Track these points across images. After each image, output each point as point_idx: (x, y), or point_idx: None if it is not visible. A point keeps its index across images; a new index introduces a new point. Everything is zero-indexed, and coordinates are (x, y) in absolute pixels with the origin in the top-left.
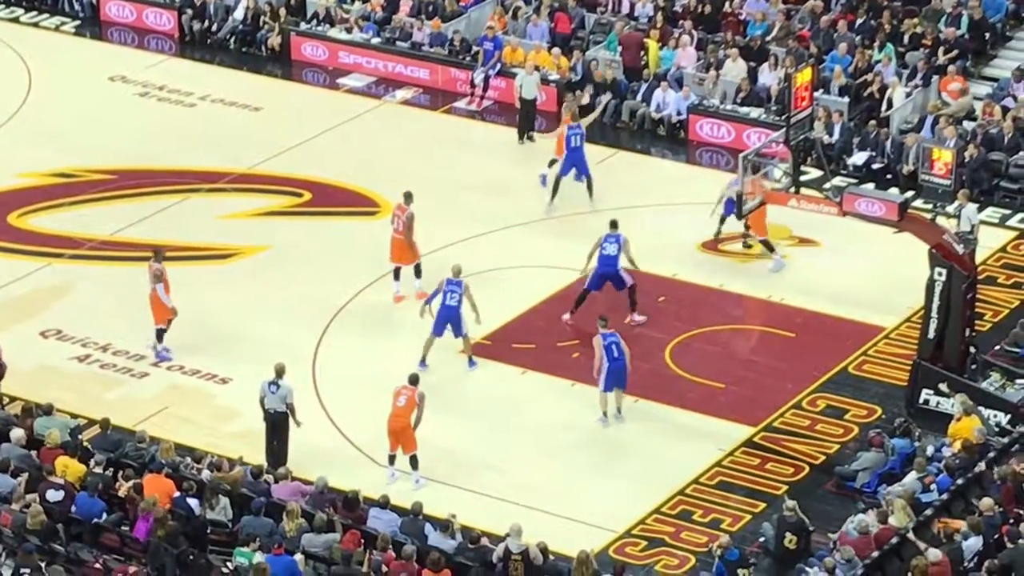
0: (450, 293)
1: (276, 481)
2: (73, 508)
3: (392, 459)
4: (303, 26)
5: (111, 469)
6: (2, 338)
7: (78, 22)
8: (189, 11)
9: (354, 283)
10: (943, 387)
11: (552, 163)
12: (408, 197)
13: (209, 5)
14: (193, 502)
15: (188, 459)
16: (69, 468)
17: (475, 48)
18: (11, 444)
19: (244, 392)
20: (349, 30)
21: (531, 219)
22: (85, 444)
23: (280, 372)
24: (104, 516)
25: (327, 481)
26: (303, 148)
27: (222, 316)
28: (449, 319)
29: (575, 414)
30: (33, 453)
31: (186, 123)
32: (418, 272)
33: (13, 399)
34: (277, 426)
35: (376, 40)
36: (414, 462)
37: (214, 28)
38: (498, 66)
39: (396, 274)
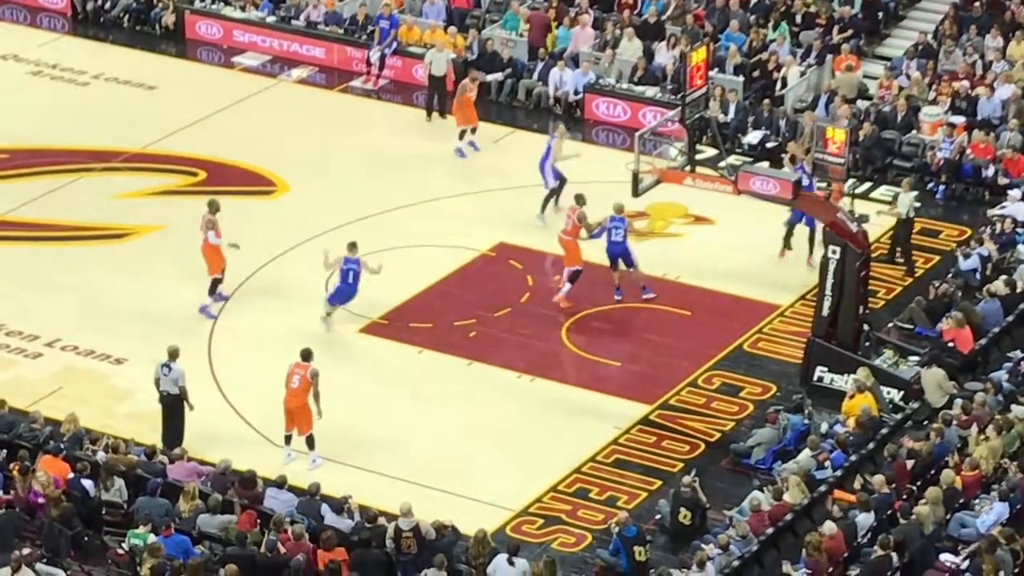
0: (615, 230)
1: (171, 462)
2: None
3: (288, 439)
4: (197, 4)
5: (5, 451)
6: None
7: None
8: None
9: (251, 262)
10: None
11: (462, 135)
12: (580, 199)
13: None
14: (88, 483)
15: (86, 439)
16: None
17: (371, 27)
18: None
19: (138, 372)
20: (244, 8)
21: (429, 198)
22: None
23: (173, 355)
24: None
25: (231, 463)
26: (198, 127)
27: (117, 296)
28: (618, 254)
29: (472, 393)
30: None
31: (79, 102)
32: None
33: None
34: (171, 408)
35: (271, 19)
36: (310, 442)
37: (107, 6)
38: (394, 45)
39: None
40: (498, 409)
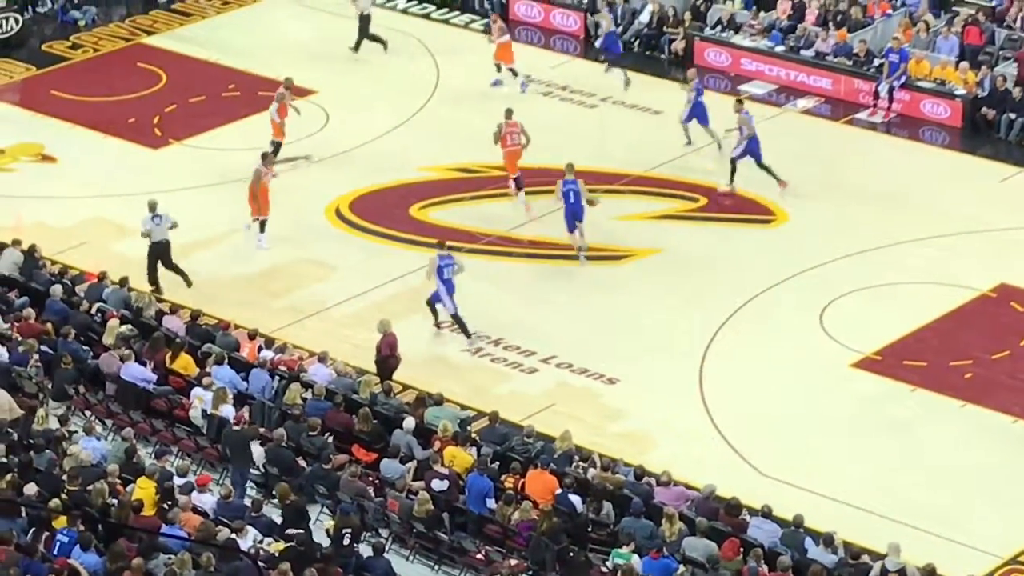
0: None
1: (659, 484)
2: (462, 496)
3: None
4: (708, 31)
5: (498, 462)
6: (399, 327)
7: (485, 20)
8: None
9: (745, 290)
10: None
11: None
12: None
13: (617, 7)
14: (575, 499)
15: (576, 457)
16: (456, 459)
17: (880, 59)
18: (402, 432)
19: (631, 393)
20: (753, 37)
21: (928, 235)
22: (474, 436)
23: (154, 206)
24: (492, 495)
25: (715, 488)
26: (700, 153)
27: (612, 317)
28: None
29: (964, 435)
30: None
31: (587, 124)
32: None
33: (406, 388)
34: (162, 254)
35: (780, 48)
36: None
37: (619, 30)
38: (903, 78)
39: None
40: (991, 453)
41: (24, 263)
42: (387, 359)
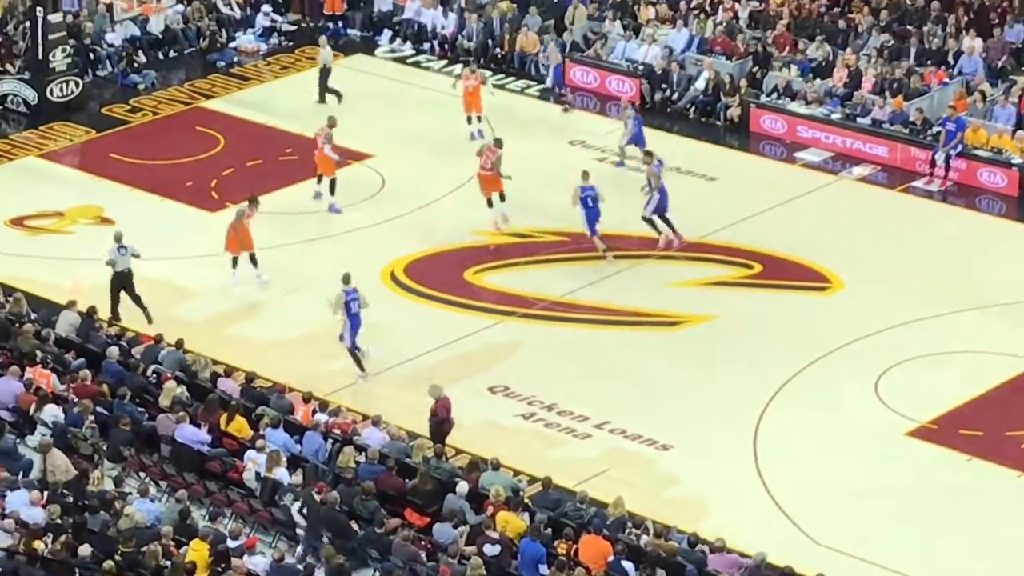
0: None
1: (712, 551)
2: (514, 562)
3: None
4: (764, 99)
5: (550, 528)
6: (452, 391)
7: (542, 86)
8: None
9: (801, 358)
10: None
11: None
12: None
13: (672, 74)
14: (628, 565)
15: (629, 523)
16: (509, 524)
17: (936, 128)
18: (455, 496)
19: (685, 459)
20: (809, 104)
21: (984, 304)
22: (526, 501)
23: (120, 237)
24: (545, 561)
25: (766, 556)
26: (756, 220)
27: (666, 383)
28: None
29: (1019, 508)
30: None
31: (641, 190)
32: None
33: (459, 452)
34: (125, 284)
35: (836, 116)
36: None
37: (675, 97)
38: (960, 147)
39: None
40: None
41: (81, 325)
42: (442, 423)
